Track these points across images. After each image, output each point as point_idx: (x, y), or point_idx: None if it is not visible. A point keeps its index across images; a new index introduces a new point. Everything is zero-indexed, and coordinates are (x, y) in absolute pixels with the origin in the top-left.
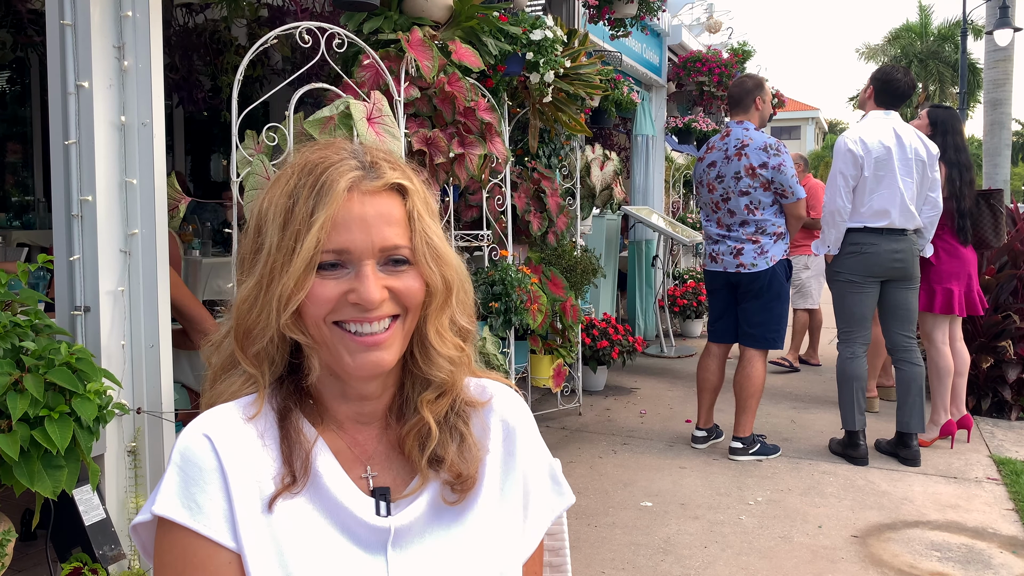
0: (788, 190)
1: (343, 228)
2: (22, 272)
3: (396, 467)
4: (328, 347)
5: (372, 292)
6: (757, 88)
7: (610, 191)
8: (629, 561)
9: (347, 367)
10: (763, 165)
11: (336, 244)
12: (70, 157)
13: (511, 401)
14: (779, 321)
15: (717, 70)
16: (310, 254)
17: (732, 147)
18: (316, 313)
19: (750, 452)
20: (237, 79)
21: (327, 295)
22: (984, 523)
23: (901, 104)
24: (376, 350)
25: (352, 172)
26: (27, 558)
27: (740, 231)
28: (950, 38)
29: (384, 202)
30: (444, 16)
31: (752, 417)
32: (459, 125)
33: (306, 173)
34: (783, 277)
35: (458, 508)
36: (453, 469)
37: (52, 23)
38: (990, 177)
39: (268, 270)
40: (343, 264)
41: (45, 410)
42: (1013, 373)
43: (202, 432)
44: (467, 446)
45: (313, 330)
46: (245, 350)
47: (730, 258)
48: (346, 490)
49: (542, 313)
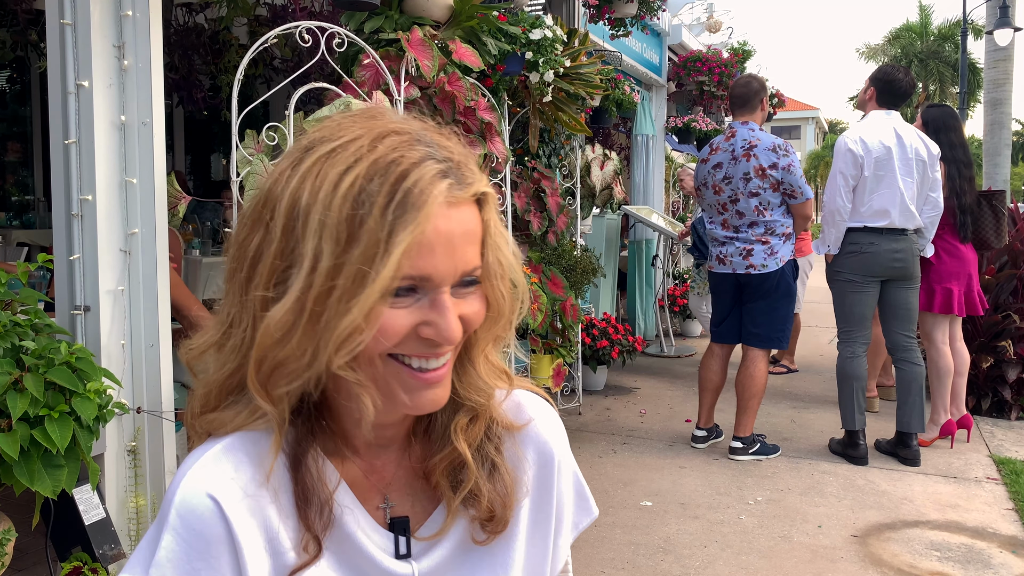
0: (798, 190)
1: (427, 251)
2: (22, 272)
3: (416, 495)
4: (378, 383)
5: (454, 328)
6: (763, 89)
7: (610, 191)
8: (629, 560)
9: (402, 405)
10: (773, 166)
11: (418, 270)
12: (70, 156)
13: (550, 425)
14: (784, 321)
15: (717, 70)
16: (386, 283)
17: (740, 148)
18: (376, 348)
19: (750, 452)
20: (237, 78)
21: (396, 328)
22: (984, 523)
23: (902, 103)
24: (436, 387)
25: (442, 180)
26: (27, 557)
27: (749, 232)
28: (950, 38)
29: (468, 216)
30: (444, 16)
31: (753, 417)
32: (459, 125)
33: (380, 173)
34: (791, 277)
35: (487, 548)
36: (488, 508)
37: (52, 22)
38: (990, 177)
39: (316, 294)
40: (416, 291)
41: (45, 409)
42: (1013, 373)
43: (207, 492)
44: (500, 477)
45: (365, 366)
46: (268, 387)
47: (739, 259)
48: (363, 528)
49: (542, 313)
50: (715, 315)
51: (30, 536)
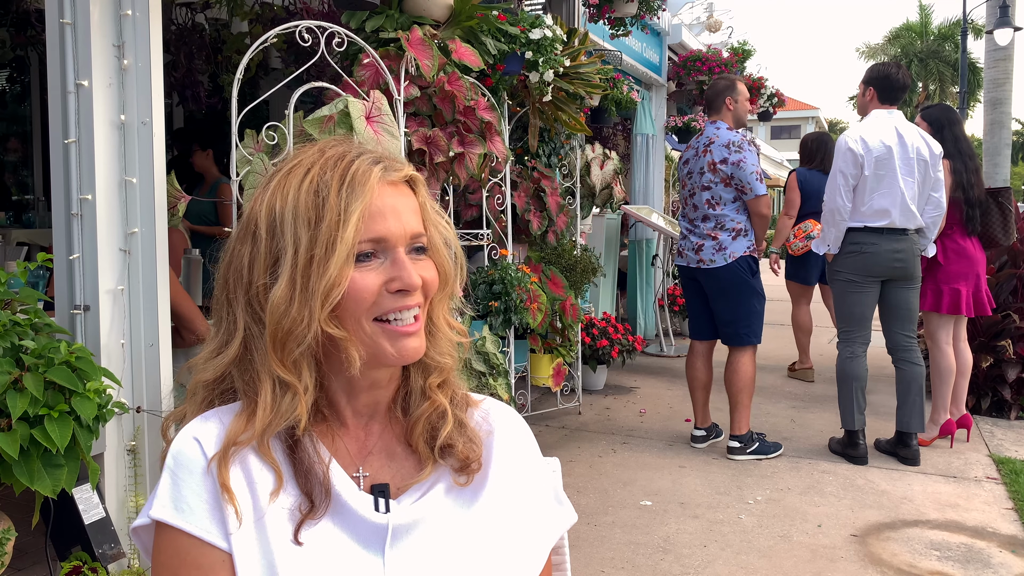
0: (747, 186)
1: (379, 217)
2: (21, 271)
3: (397, 463)
4: (367, 343)
5: (413, 275)
6: (728, 89)
7: (610, 190)
8: (629, 560)
9: (389, 356)
10: (724, 161)
11: (373, 233)
12: (70, 156)
13: (504, 409)
14: (749, 317)
15: (717, 69)
16: (350, 244)
17: (702, 145)
18: (358, 309)
19: (748, 451)
20: (237, 78)
21: (369, 286)
22: (983, 522)
23: (903, 96)
24: (414, 337)
25: (377, 165)
26: (26, 556)
27: (702, 226)
28: (950, 37)
29: (405, 193)
30: (444, 15)
31: (746, 413)
32: (459, 124)
33: (331, 168)
34: (747, 273)
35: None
36: (461, 453)
37: (52, 22)
38: (990, 177)
39: (302, 267)
40: (377, 253)
41: (45, 409)
42: (1013, 372)
43: (193, 436)
44: (468, 431)
45: (353, 327)
46: (284, 357)
47: (692, 254)
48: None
49: (542, 312)
50: (688, 311)
51: (30, 535)
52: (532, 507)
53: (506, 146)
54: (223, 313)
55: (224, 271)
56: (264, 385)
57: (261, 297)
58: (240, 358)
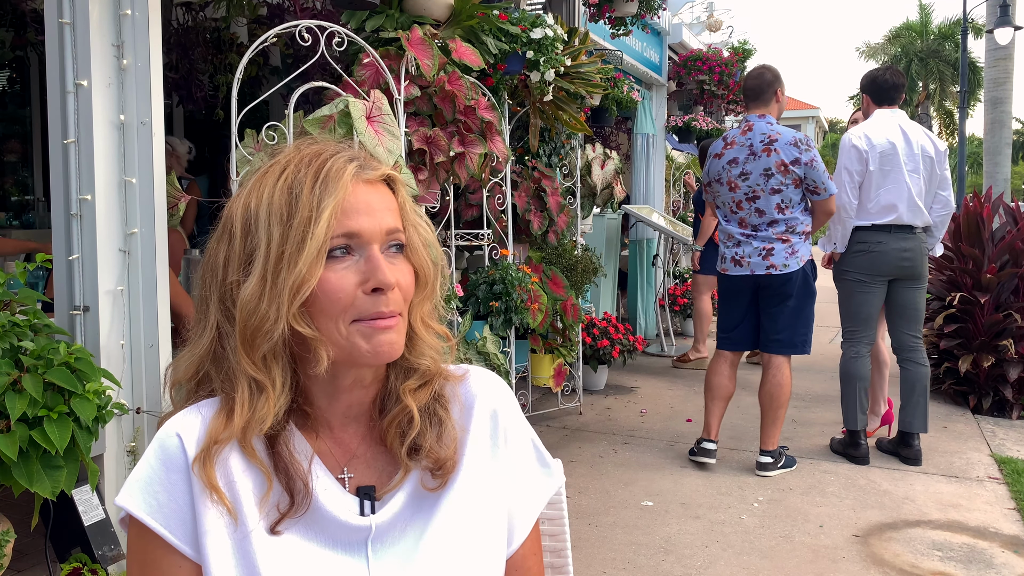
0: (820, 186)
1: (352, 213)
2: (21, 271)
3: (381, 464)
4: (341, 344)
5: (387, 273)
6: (776, 80)
7: (611, 190)
8: (630, 561)
9: (365, 354)
10: (795, 161)
11: (346, 228)
12: (69, 156)
13: (489, 378)
14: (808, 324)
15: (717, 69)
16: (321, 240)
17: (759, 143)
18: (334, 309)
19: (779, 467)
20: (236, 78)
21: (344, 286)
22: (986, 522)
23: (899, 95)
24: (390, 332)
25: (352, 162)
26: (26, 558)
27: (769, 231)
28: (950, 37)
29: (382, 190)
30: (444, 15)
31: (780, 429)
32: (459, 124)
33: (305, 165)
34: (812, 277)
35: (439, 495)
36: (432, 455)
37: (51, 22)
38: (990, 176)
39: (273, 263)
40: (351, 250)
41: (44, 410)
42: (1014, 372)
43: (175, 431)
44: (446, 430)
45: (327, 327)
46: (252, 354)
47: (759, 259)
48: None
49: (542, 312)
50: (727, 320)
51: (29, 537)
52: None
53: (507, 146)
54: (201, 313)
55: (201, 270)
56: (240, 383)
57: (234, 294)
58: (214, 356)
